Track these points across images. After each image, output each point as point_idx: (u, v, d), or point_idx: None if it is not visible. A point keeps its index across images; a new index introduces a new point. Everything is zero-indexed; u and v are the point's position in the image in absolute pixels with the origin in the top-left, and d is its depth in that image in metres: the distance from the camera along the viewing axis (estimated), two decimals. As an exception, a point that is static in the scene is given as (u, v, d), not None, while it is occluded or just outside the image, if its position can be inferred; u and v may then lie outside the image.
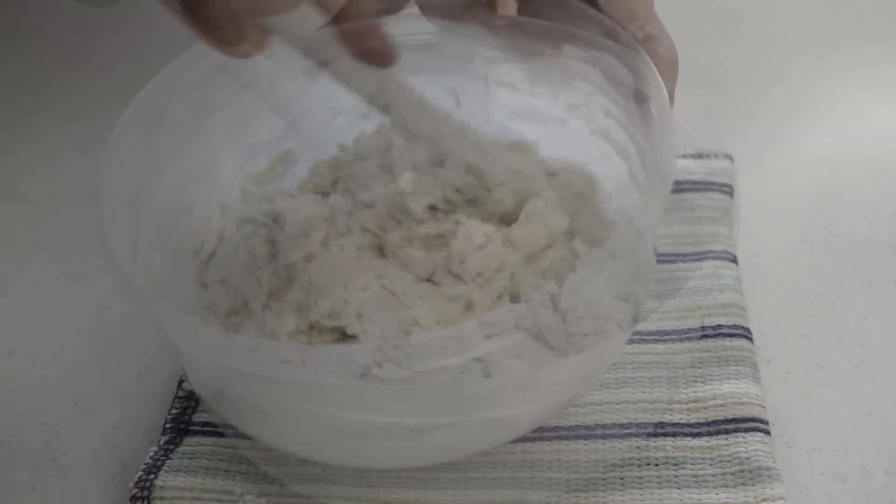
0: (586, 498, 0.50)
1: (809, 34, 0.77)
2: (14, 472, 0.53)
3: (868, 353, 0.57)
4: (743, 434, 0.51)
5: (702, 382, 0.54)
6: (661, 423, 0.52)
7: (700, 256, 0.61)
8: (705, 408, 0.53)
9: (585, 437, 0.52)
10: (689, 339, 0.56)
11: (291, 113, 0.59)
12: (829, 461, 0.51)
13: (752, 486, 0.49)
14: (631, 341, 0.56)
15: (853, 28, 0.77)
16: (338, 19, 0.50)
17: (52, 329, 0.61)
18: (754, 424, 0.52)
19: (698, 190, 0.65)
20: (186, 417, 0.54)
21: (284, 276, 0.53)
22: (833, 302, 0.59)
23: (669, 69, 0.49)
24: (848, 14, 0.78)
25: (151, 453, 0.52)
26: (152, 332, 0.60)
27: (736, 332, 0.56)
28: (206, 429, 0.53)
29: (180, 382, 0.56)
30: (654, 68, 0.48)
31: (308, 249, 0.53)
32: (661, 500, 0.49)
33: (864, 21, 0.78)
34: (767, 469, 0.49)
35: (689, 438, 0.52)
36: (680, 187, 0.65)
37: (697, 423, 0.52)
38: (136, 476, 0.51)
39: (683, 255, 0.61)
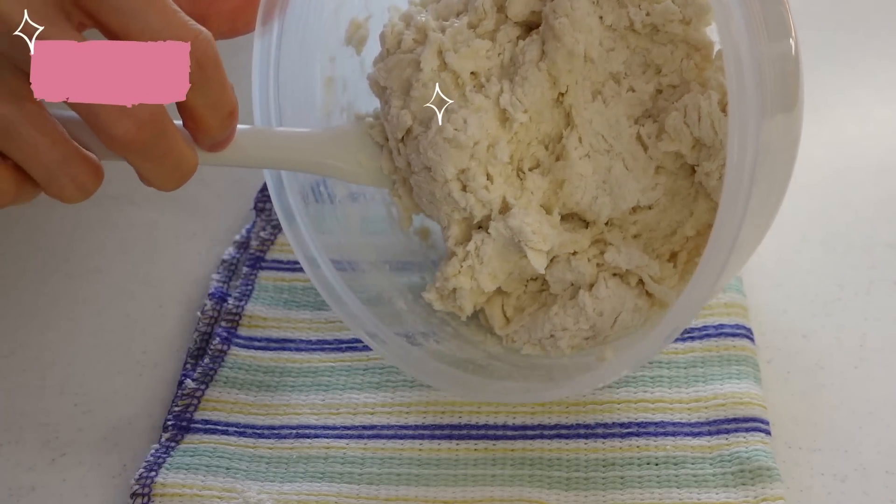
0: (586, 497, 0.50)
1: (809, 34, 0.77)
2: (14, 472, 0.53)
3: (868, 353, 0.57)
4: (743, 434, 0.51)
5: (703, 382, 0.54)
6: (662, 422, 0.52)
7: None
8: (706, 407, 0.53)
9: (586, 436, 0.52)
10: (691, 338, 0.56)
11: None
12: (829, 461, 0.51)
13: (753, 485, 0.49)
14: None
15: (853, 28, 0.77)
16: None
17: (52, 329, 0.61)
18: (755, 424, 0.52)
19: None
20: (188, 415, 0.54)
21: None
22: (833, 302, 0.59)
23: None
24: (848, 14, 0.78)
25: (153, 451, 0.52)
26: (152, 332, 0.60)
27: (738, 331, 0.56)
28: (207, 427, 0.53)
29: (181, 382, 0.56)
30: None
31: None
32: (661, 499, 0.49)
33: (863, 21, 0.78)
34: (767, 469, 0.49)
35: (689, 438, 0.52)
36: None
37: (698, 423, 0.52)
38: (138, 473, 0.51)
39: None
